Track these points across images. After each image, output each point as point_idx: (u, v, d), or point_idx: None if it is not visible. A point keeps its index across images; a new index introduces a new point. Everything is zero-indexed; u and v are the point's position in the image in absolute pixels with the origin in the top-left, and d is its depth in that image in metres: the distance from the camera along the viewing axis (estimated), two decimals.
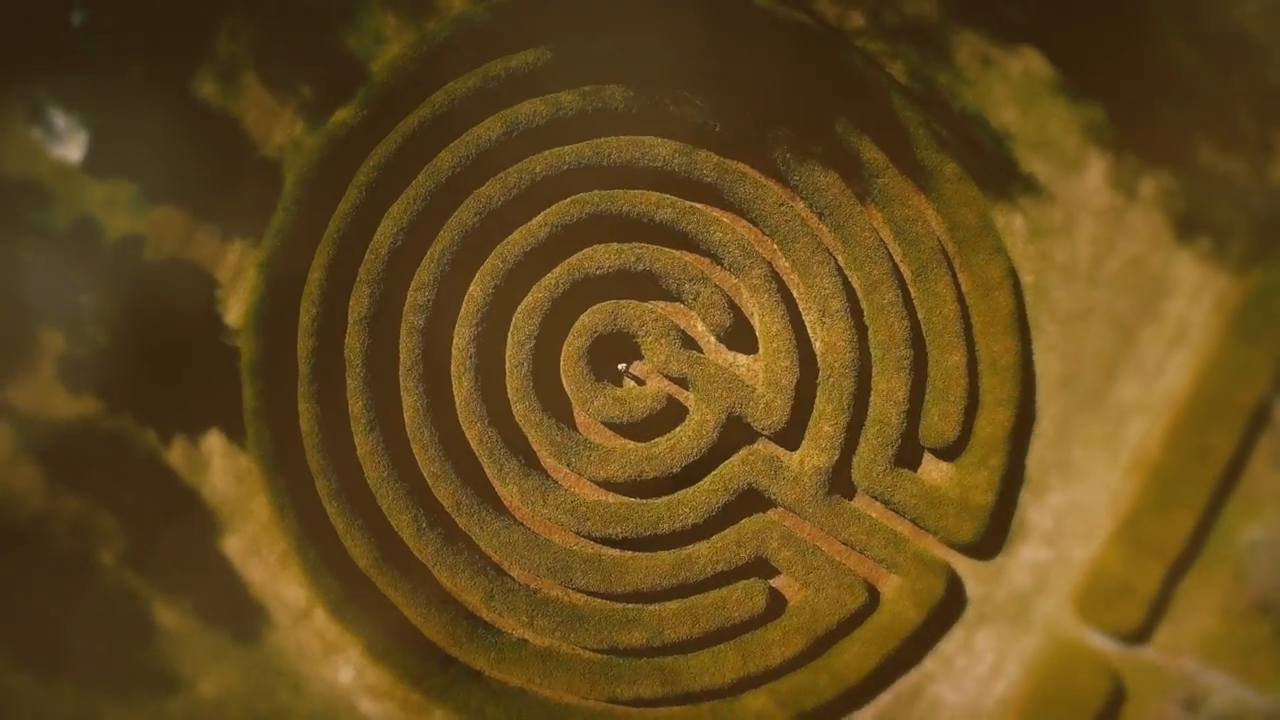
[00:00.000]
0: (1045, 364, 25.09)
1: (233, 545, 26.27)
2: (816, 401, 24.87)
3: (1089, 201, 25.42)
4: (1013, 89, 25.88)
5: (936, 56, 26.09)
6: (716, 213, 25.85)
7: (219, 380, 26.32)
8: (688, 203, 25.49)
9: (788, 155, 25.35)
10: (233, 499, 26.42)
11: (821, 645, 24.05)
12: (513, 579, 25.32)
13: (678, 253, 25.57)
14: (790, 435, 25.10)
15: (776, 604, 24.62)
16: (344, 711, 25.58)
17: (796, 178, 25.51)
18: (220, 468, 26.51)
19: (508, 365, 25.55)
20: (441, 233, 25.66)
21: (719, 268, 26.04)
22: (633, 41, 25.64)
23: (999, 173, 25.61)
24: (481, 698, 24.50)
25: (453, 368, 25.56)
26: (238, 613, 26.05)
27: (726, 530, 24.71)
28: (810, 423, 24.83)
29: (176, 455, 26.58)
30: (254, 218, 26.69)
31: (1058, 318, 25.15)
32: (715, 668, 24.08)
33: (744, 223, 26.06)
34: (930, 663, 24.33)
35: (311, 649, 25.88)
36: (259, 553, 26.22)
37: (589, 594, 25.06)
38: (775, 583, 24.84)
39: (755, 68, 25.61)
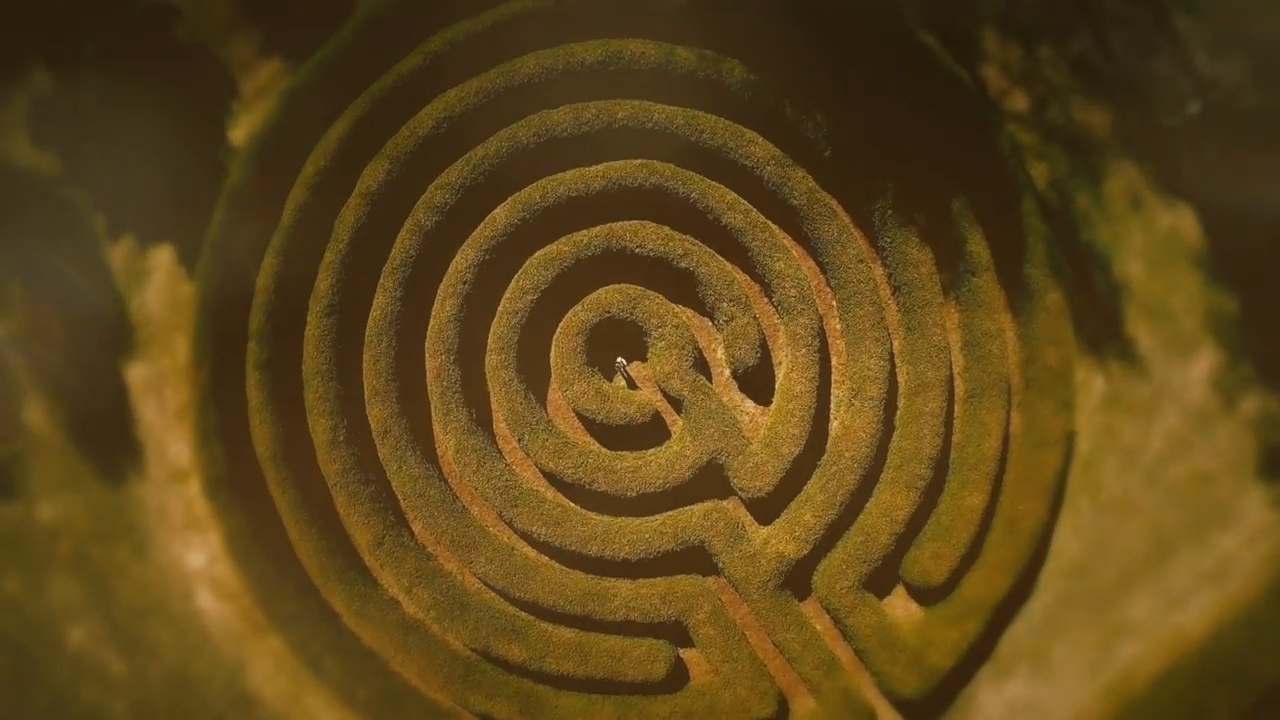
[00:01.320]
0: (1064, 544, 22.27)
1: (136, 373, 23.27)
2: (809, 485, 21.86)
3: (1182, 393, 22.48)
4: (1151, 242, 22.92)
5: (1086, 175, 23.12)
6: (788, 241, 22.93)
7: (194, 196, 23.50)
8: (763, 217, 22.47)
9: (888, 212, 22.32)
10: (157, 324, 23.45)
11: None
12: (411, 534, 22.33)
13: (730, 265, 22.60)
14: (766, 508, 22.21)
15: (677, 677, 21.70)
16: (177, 596, 22.60)
17: (887, 240, 22.47)
18: (158, 287, 23.53)
19: (501, 308, 22.51)
20: (490, 139, 22.63)
21: (765, 300, 23.01)
22: (776, 25, 22.65)
23: (1100, 324, 22.68)
24: (324, 645, 21.57)
25: (442, 284, 22.54)
26: (112, 446, 23.11)
27: (657, 579, 21.74)
28: (792, 504, 21.86)
29: (119, 253, 23.61)
30: (304, 41, 23.74)
31: (1098, 501, 22.29)
32: (584, 717, 21.10)
33: (812, 263, 23.09)
34: None
35: (173, 516, 22.91)
36: (160, 393, 23.23)
37: (484, 583, 22.08)
38: (685, 654, 21.94)
39: (893, 108, 22.67)
